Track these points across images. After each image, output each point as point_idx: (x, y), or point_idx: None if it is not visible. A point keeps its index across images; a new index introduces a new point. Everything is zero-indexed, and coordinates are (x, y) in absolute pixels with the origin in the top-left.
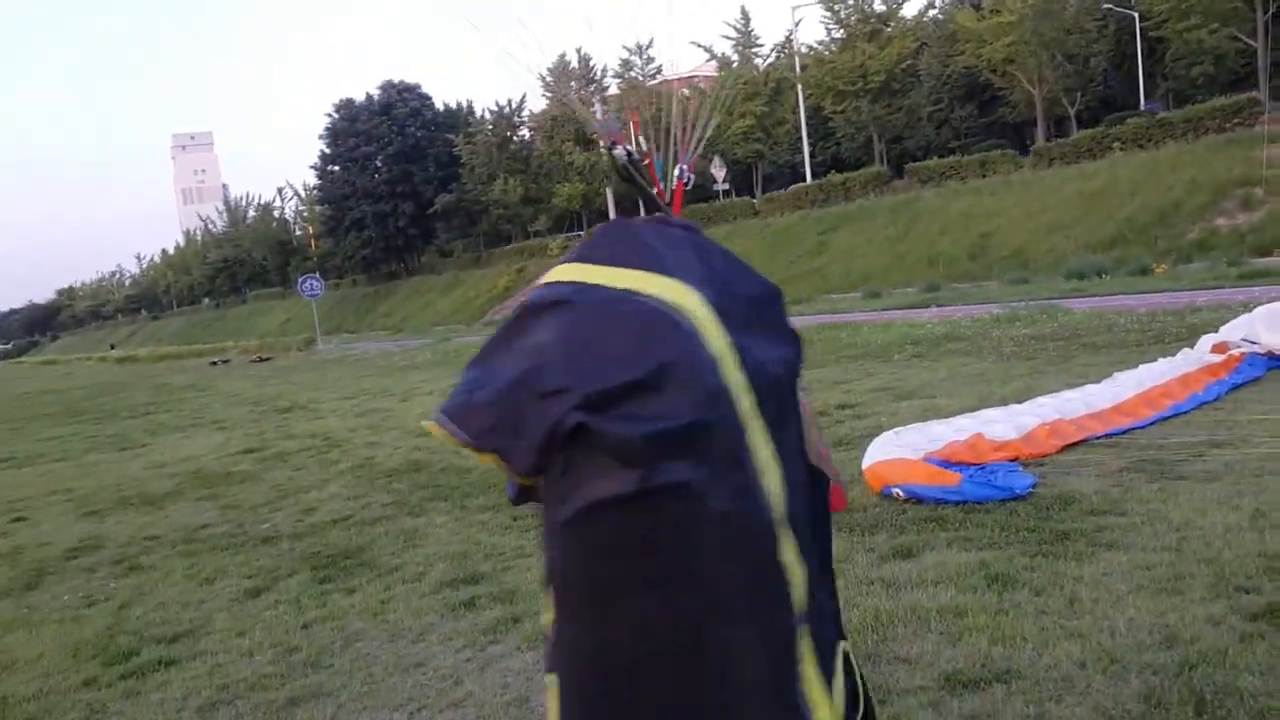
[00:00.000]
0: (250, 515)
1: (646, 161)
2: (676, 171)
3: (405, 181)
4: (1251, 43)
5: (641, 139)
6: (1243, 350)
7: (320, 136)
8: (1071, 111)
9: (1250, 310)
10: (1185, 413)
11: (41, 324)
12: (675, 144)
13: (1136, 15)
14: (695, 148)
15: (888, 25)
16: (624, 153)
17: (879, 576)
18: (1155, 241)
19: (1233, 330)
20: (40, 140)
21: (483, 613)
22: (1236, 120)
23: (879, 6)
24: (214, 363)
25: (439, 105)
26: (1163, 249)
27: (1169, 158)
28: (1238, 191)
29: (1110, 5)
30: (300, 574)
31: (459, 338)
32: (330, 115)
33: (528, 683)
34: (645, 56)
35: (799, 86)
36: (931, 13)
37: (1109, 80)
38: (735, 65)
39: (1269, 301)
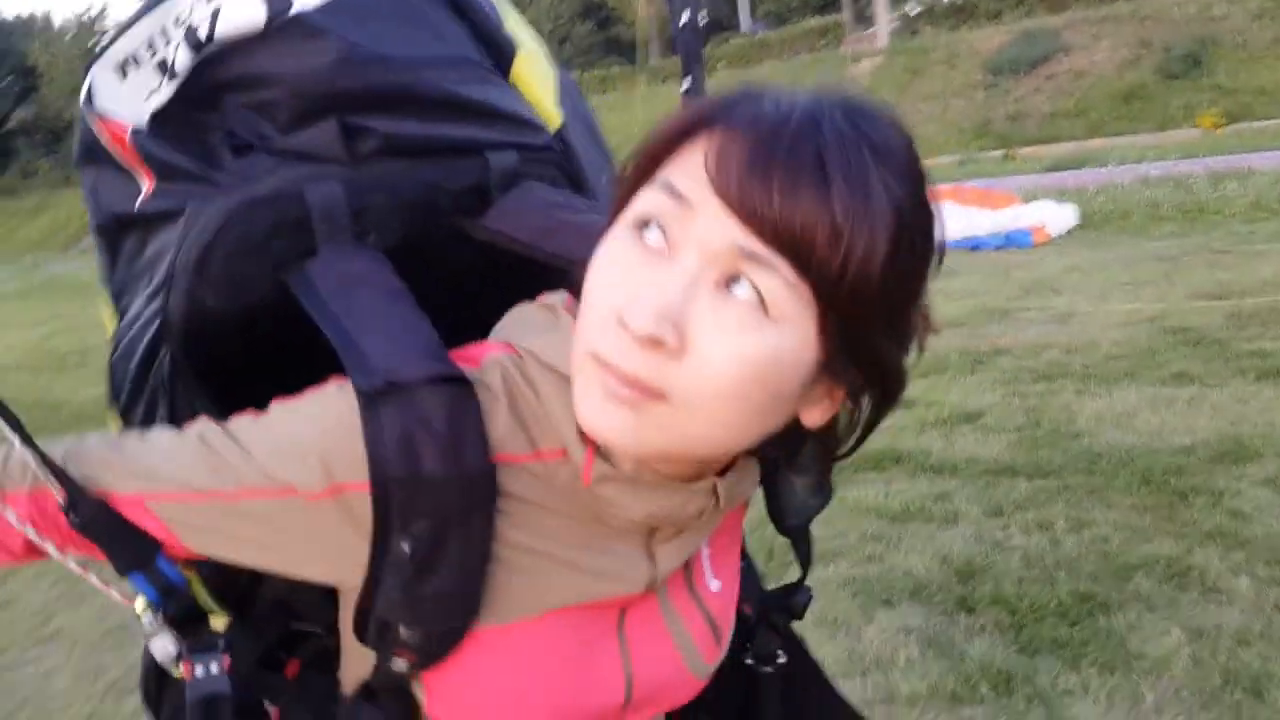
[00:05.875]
0: None
1: None
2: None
3: None
4: None
5: None
6: None
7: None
8: None
9: None
10: None
11: None
12: None
13: None
14: None
15: None
16: None
17: None
18: None
19: None
20: None
21: None
22: (824, 41)
23: None
24: None
25: (8, 15)
26: None
27: (768, 75)
28: None
29: None
30: None
31: (50, 265)
32: None
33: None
34: None
35: None
36: None
37: (715, 2)
38: None
39: None
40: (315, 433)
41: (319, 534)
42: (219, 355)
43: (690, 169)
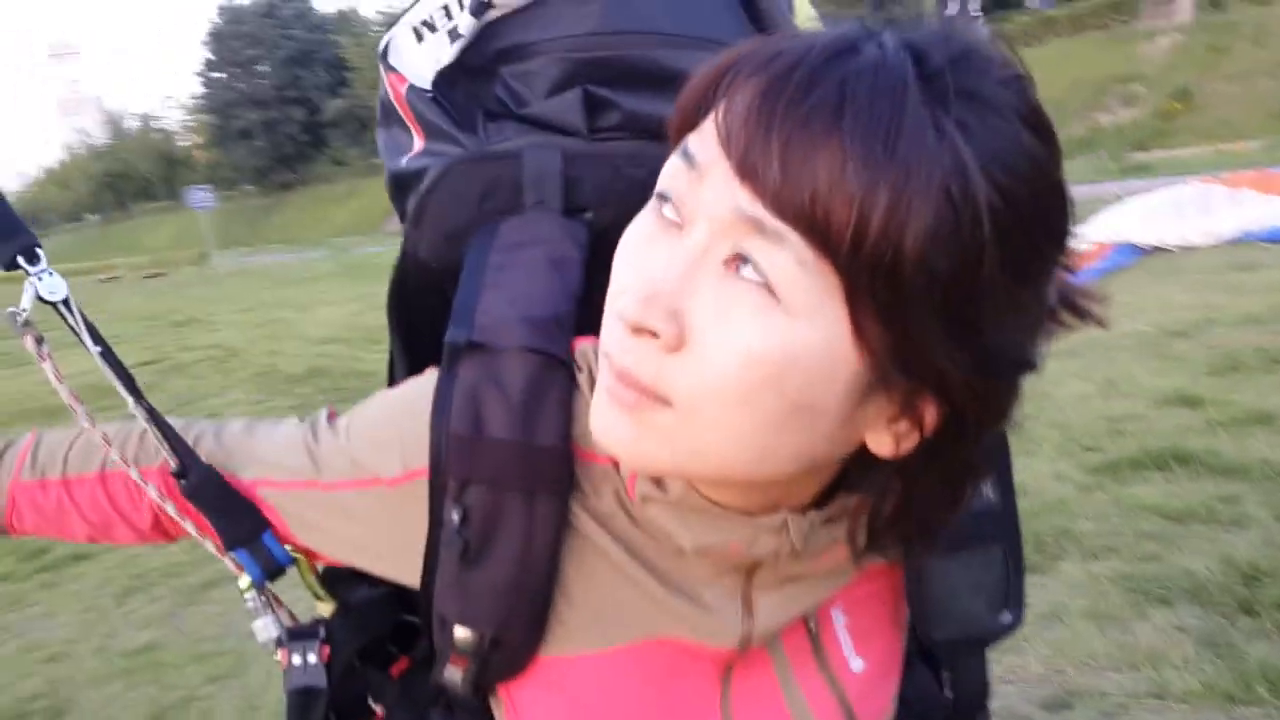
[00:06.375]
0: None
1: None
2: None
3: (294, 87)
4: None
5: None
6: (1112, 240)
7: (204, 42)
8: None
9: (1122, 202)
10: None
11: None
12: None
13: None
14: None
15: None
16: None
17: None
18: None
19: (1104, 221)
20: None
21: None
22: (1118, 17)
23: None
24: (103, 280)
25: (326, 9)
26: None
27: (1054, 55)
28: (1119, 88)
29: None
30: None
31: (359, 248)
32: (213, 21)
33: None
34: None
35: None
36: None
37: None
38: None
39: (1144, 194)
40: (398, 417)
41: (400, 524)
42: (422, 317)
43: (706, 127)
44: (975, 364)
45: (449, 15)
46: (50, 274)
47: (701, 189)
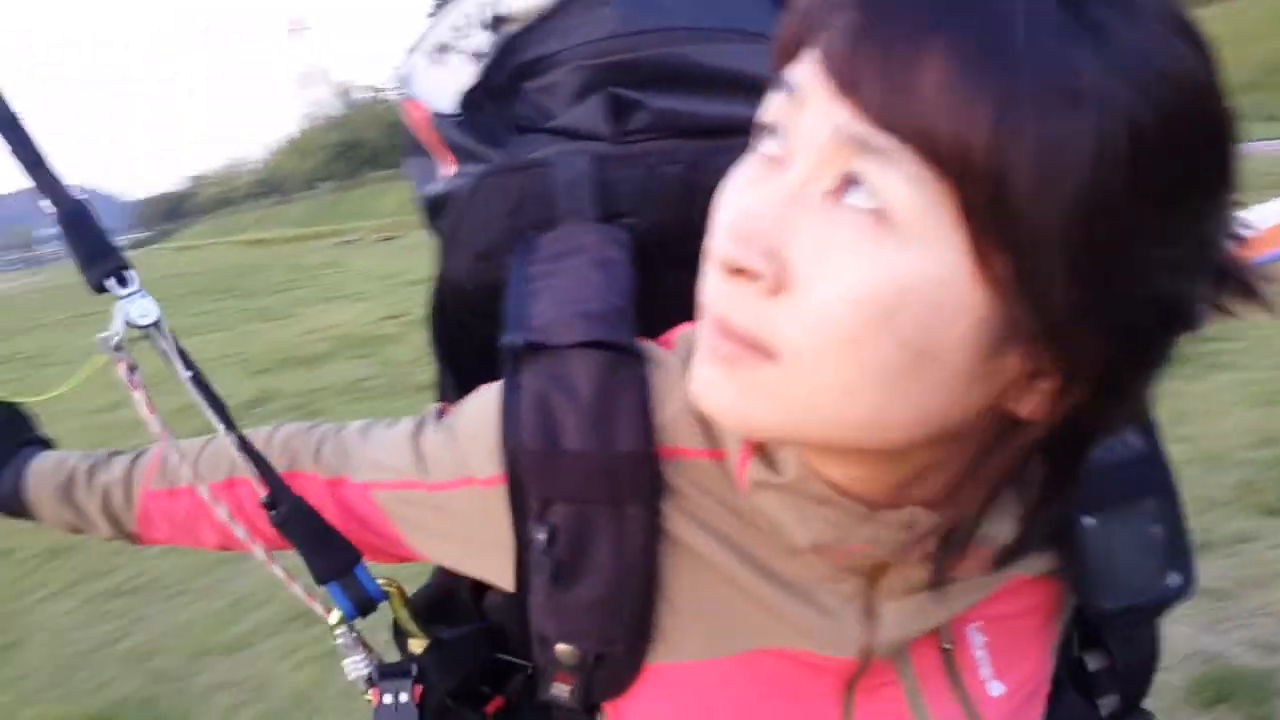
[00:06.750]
0: (405, 369)
1: None
2: None
3: None
4: None
5: None
6: None
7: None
8: None
9: None
10: None
11: (170, 212)
12: None
13: None
14: None
15: None
16: None
17: None
18: None
19: None
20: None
21: None
22: None
23: None
24: (340, 243)
25: None
26: None
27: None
28: None
29: None
30: None
31: None
32: None
33: None
34: None
35: None
36: None
37: None
38: None
39: None
40: (492, 415)
41: (493, 527)
42: (463, 338)
43: (806, 56)
44: (1112, 307)
45: (464, 36)
46: (143, 295)
47: (801, 117)
